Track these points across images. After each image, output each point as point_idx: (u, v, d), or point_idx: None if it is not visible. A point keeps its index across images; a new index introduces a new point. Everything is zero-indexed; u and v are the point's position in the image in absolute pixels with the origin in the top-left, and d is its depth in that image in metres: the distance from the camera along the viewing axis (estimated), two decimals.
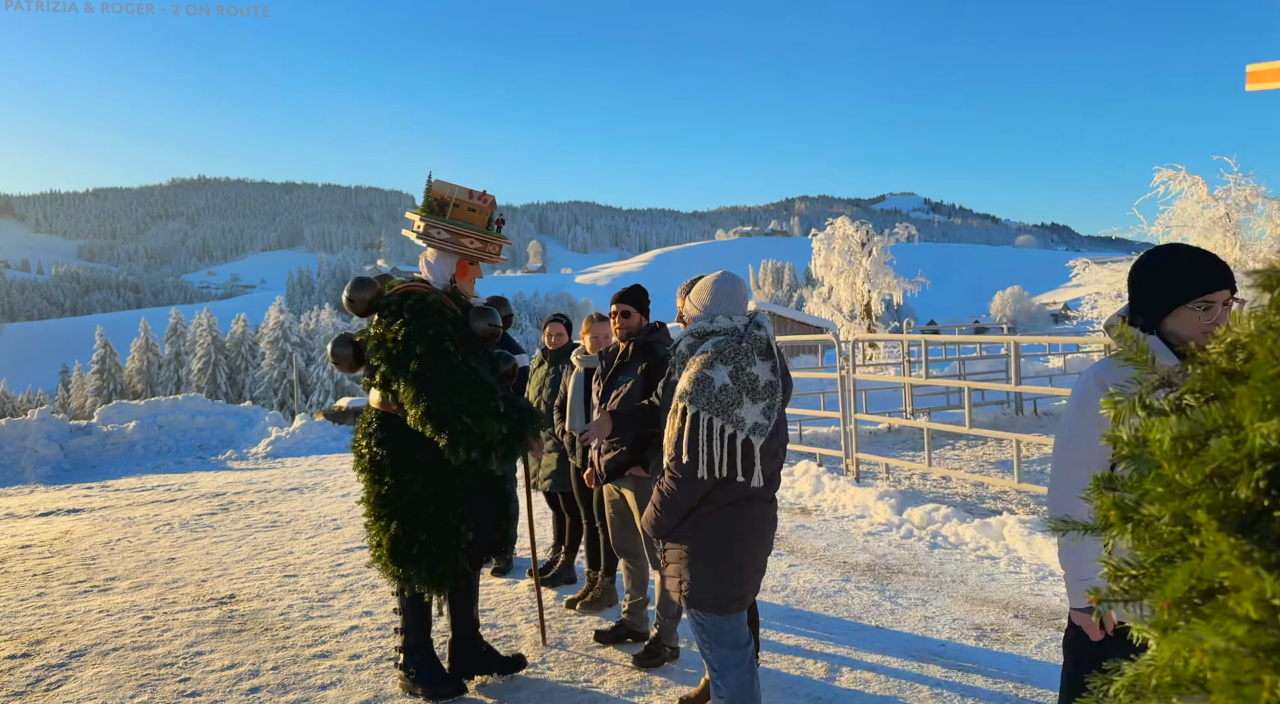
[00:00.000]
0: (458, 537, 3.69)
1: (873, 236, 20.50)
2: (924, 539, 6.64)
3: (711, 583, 2.82)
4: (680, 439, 2.73)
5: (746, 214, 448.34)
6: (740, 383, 2.71)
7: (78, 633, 4.73)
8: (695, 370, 2.73)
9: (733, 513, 2.83)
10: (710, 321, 2.87)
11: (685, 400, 2.71)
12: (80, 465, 14.00)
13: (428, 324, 3.55)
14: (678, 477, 2.75)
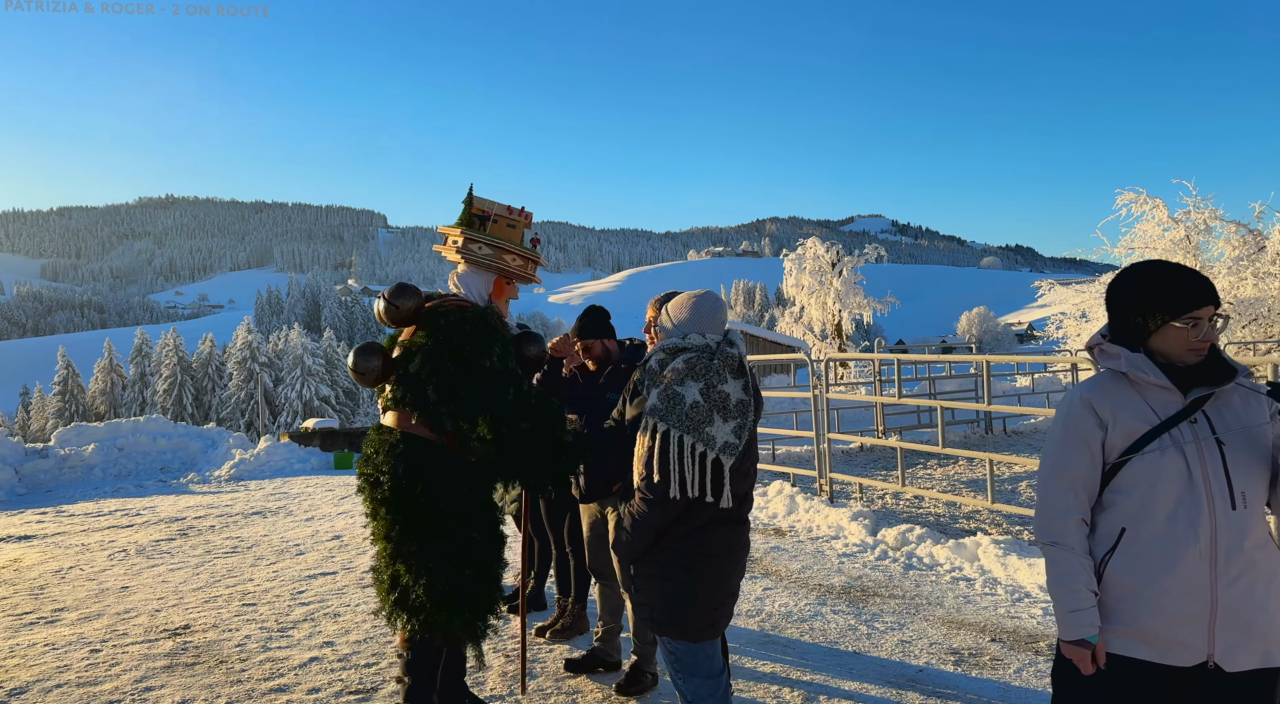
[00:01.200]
0: (498, 578, 3.33)
1: (843, 257, 20.67)
2: (899, 560, 6.58)
3: (684, 608, 2.73)
4: (651, 457, 2.65)
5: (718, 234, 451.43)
6: (711, 400, 2.65)
7: (19, 669, 4.49)
8: (665, 387, 2.67)
9: (704, 535, 2.74)
10: (683, 338, 2.81)
11: (656, 417, 2.64)
12: (36, 490, 13.55)
13: (492, 340, 3.25)
14: (649, 497, 2.67)
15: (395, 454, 3.19)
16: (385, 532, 3.21)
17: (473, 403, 3.13)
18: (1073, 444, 2.19)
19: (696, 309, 2.88)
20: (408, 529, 3.16)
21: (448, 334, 3.21)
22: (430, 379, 3.17)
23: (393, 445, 3.22)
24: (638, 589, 2.82)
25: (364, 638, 4.94)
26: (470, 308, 3.36)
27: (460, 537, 3.17)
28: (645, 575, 2.78)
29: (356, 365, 3.34)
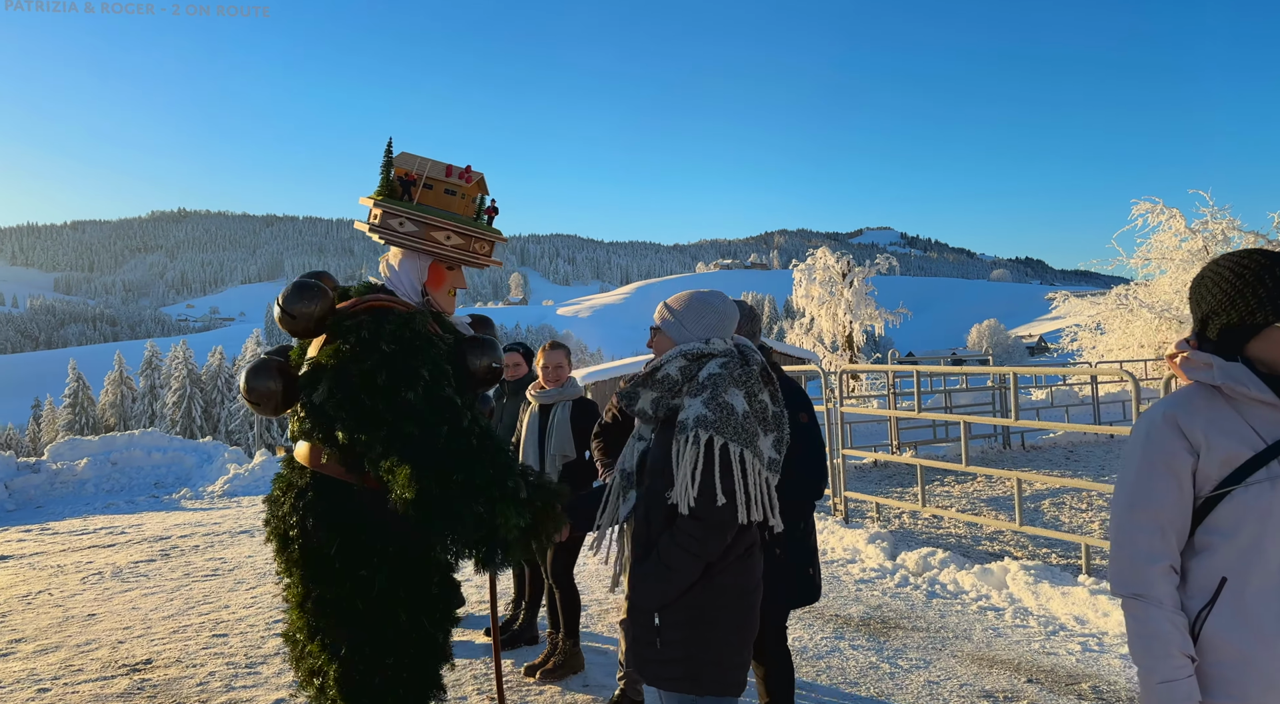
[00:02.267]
0: (436, 650, 2.62)
1: (854, 268, 20.25)
2: (921, 587, 6.13)
3: (723, 657, 2.27)
4: (710, 477, 2.19)
5: (726, 247, 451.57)
6: (754, 410, 2.27)
7: None
8: (712, 394, 2.26)
9: (745, 565, 2.32)
10: (706, 342, 2.41)
11: (709, 429, 2.20)
12: (25, 505, 13.21)
13: (419, 361, 2.48)
14: (706, 522, 2.21)
15: (305, 503, 2.52)
16: (299, 600, 2.54)
17: (389, 448, 2.36)
18: (1155, 474, 1.78)
19: (719, 311, 2.47)
20: (321, 603, 2.49)
21: (359, 354, 2.45)
22: (336, 415, 2.43)
23: (301, 491, 2.55)
24: (665, 642, 2.29)
25: None
26: (393, 311, 2.58)
27: (382, 617, 2.49)
28: (676, 624, 2.28)
29: (250, 390, 2.58)
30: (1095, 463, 12.50)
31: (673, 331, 2.46)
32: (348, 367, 2.44)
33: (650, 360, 2.47)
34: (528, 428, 4.53)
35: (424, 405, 2.39)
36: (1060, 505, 9.17)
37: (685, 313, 2.47)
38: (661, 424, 2.38)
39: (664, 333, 2.48)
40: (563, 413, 4.46)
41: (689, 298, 2.52)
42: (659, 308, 2.55)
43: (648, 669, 2.31)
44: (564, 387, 4.55)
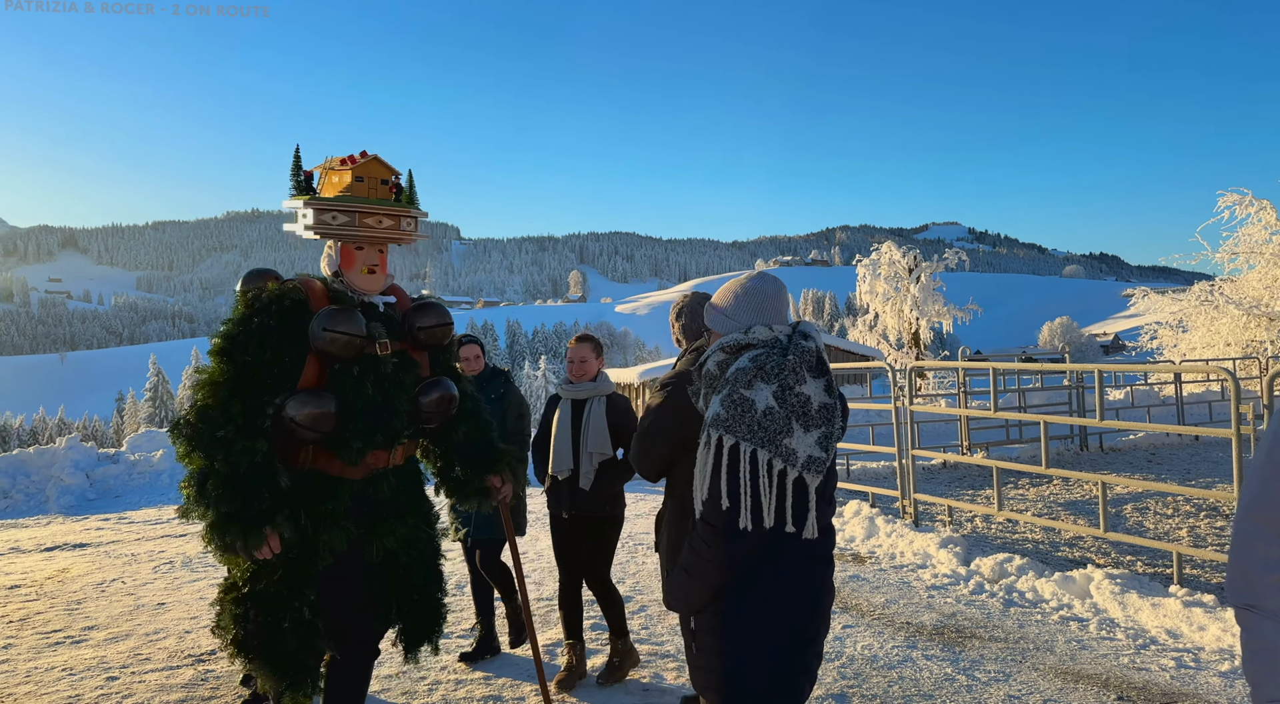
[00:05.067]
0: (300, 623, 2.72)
1: (921, 263, 19.66)
2: (997, 595, 5.83)
3: (754, 671, 2.14)
4: (718, 478, 2.09)
5: (786, 244, 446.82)
6: (788, 405, 2.09)
7: (30, 697, 4.17)
8: (729, 391, 2.11)
9: (783, 575, 2.16)
10: (745, 332, 2.25)
11: (721, 429, 2.08)
12: (105, 495, 13.71)
13: (228, 327, 2.74)
14: (715, 528, 2.10)
15: None
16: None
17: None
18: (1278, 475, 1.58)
19: (756, 294, 2.31)
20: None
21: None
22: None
23: None
24: (699, 649, 2.24)
25: (397, 672, 4.49)
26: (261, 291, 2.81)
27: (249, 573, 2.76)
28: (709, 630, 2.19)
29: None
30: (1180, 466, 11.87)
31: (716, 325, 2.35)
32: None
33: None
34: (559, 424, 4.29)
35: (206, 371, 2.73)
36: (1144, 511, 8.70)
37: (723, 302, 2.37)
38: None
39: (711, 329, 2.39)
40: (597, 409, 4.23)
41: (729, 288, 2.41)
42: (706, 307, 2.45)
43: (690, 672, 2.25)
44: (596, 382, 4.32)
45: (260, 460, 2.60)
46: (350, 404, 2.74)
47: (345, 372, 2.76)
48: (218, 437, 2.55)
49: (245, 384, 2.63)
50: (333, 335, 2.69)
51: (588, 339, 4.39)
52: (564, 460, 4.22)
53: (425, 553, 3.01)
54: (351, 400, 2.75)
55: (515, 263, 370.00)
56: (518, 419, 4.61)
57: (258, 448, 2.59)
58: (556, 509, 4.32)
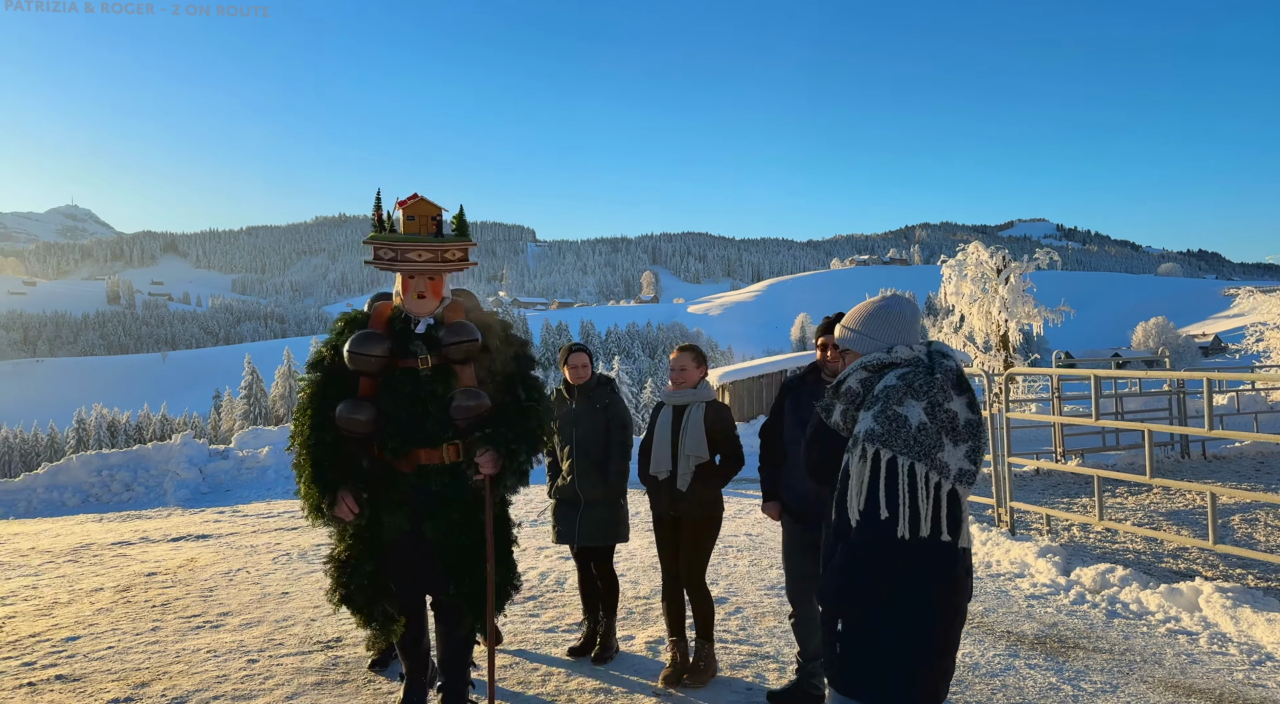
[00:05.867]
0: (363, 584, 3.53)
1: (1009, 263, 19.12)
2: (1100, 606, 5.75)
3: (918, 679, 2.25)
4: (875, 490, 2.23)
5: (863, 242, 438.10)
6: (939, 421, 2.22)
7: (183, 675, 4.56)
8: (882, 408, 2.24)
9: (938, 581, 2.26)
10: (888, 352, 2.37)
11: (875, 443, 2.22)
12: (216, 489, 14.56)
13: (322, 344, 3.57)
14: (873, 537, 2.24)
15: None
16: None
17: None
18: None
19: (896, 316, 2.44)
20: None
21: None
22: None
23: None
24: (852, 648, 2.33)
25: (511, 661, 4.73)
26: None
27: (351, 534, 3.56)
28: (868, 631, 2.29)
29: None
30: None
31: (856, 345, 2.46)
32: None
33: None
34: (659, 428, 4.49)
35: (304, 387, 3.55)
36: (1254, 522, 8.38)
37: (863, 325, 2.47)
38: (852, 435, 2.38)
39: (850, 350, 2.50)
40: (696, 414, 4.41)
41: (865, 309, 2.52)
42: (837, 328, 2.58)
43: (830, 672, 2.34)
44: (697, 389, 4.49)
45: (329, 446, 3.35)
46: (388, 410, 3.37)
47: (386, 383, 3.40)
48: (303, 430, 3.38)
49: (324, 390, 3.42)
50: (350, 355, 3.36)
51: (689, 348, 4.57)
52: (663, 462, 4.42)
53: (476, 541, 3.51)
54: (388, 407, 3.37)
55: (589, 264, 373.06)
56: (620, 428, 4.80)
57: (324, 439, 3.35)
58: (658, 509, 4.50)
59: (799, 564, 4.10)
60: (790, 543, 4.15)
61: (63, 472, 14.71)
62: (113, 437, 78.31)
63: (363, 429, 3.33)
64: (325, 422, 3.35)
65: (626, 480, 4.86)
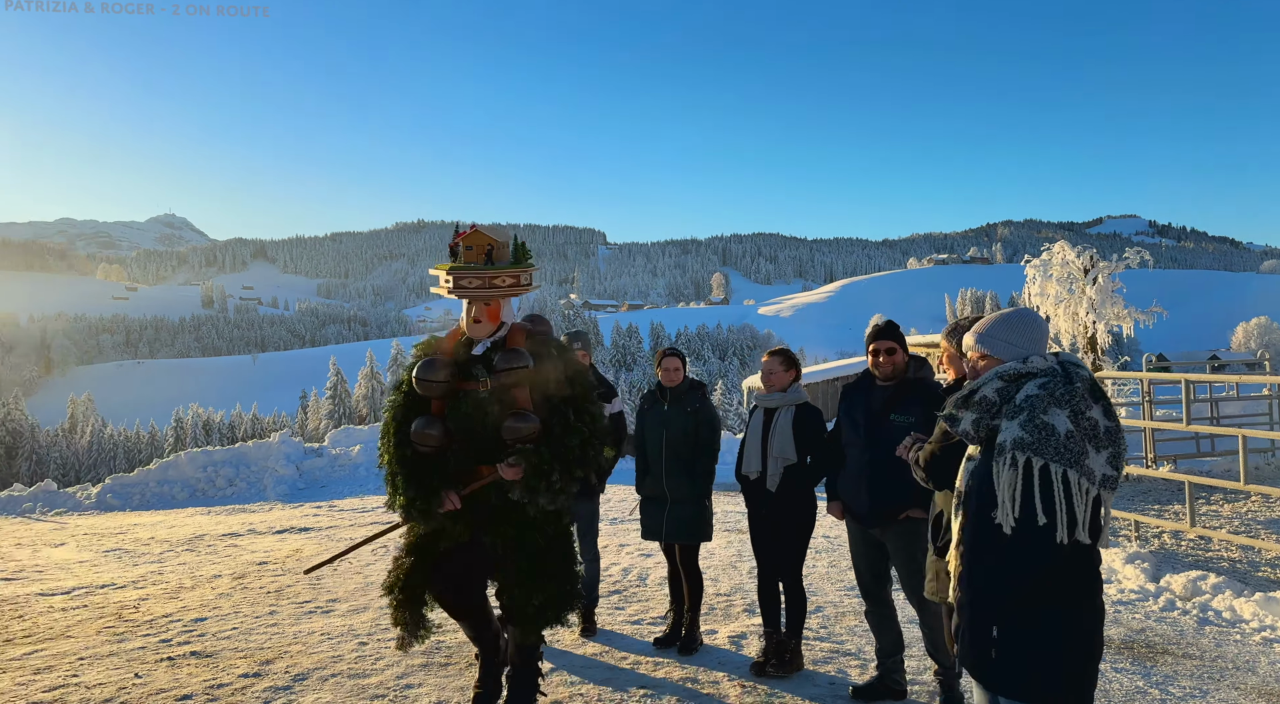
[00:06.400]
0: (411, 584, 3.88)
1: (1098, 262, 18.52)
2: (1190, 613, 5.67)
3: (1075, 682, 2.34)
4: (1030, 498, 2.29)
5: (942, 241, 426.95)
6: (1082, 429, 2.29)
7: (301, 655, 4.95)
8: (1029, 416, 2.32)
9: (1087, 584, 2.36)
10: (1024, 362, 2.46)
11: (1026, 451, 2.29)
12: (312, 485, 15.32)
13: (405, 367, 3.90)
14: (1028, 543, 2.31)
15: None
16: None
17: None
18: None
19: (1033, 325, 2.52)
20: None
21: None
22: None
23: None
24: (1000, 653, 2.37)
25: (600, 652, 4.97)
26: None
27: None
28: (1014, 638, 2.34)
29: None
30: None
31: (999, 351, 2.52)
32: None
33: (967, 383, 2.56)
34: (750, 429, 4.69)
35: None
36: None
37: (1004, 333, 2.54)
38: (984, 444, 2.46)
39: (990, 357, 2.55)
40: (785, 417, 4.56)
41: (1001, 318, 2.59)
42: (967, 337, 2.64)
43: (986, 675, 2.39)
44: (788, 391, 4.64)
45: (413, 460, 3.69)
46: (454, 429, 3.69)
47: (450, 403, 3.72)
48: (389, 447, 3.75)
49: (405, 409, 3.75)
50: (417, 381, 3.70)
51: (779, 352, 4.75)
52: (753, 462, 4.60)
53: (532, 551, 3.76)
54: (452, 426, 3.69)
55: (659, 266, 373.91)
56: (709, 430, 5.00)
57: (406, 454, 3.69)
58: (751, 508, 4.69)
59: (864, 562, 4.27)
60: (854, 541, 4.32)
61: (172, 467, 15.70)
62: (208, 435, 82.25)
63: (434, 443, 3.66)
64: (406, 439, 3.71)
65: (712, 481, 5.06)
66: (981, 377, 2.51)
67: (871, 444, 4.07)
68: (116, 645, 5.21)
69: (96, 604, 6.29)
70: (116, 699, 4.29)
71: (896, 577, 4.23)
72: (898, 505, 4.00)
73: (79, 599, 6.47)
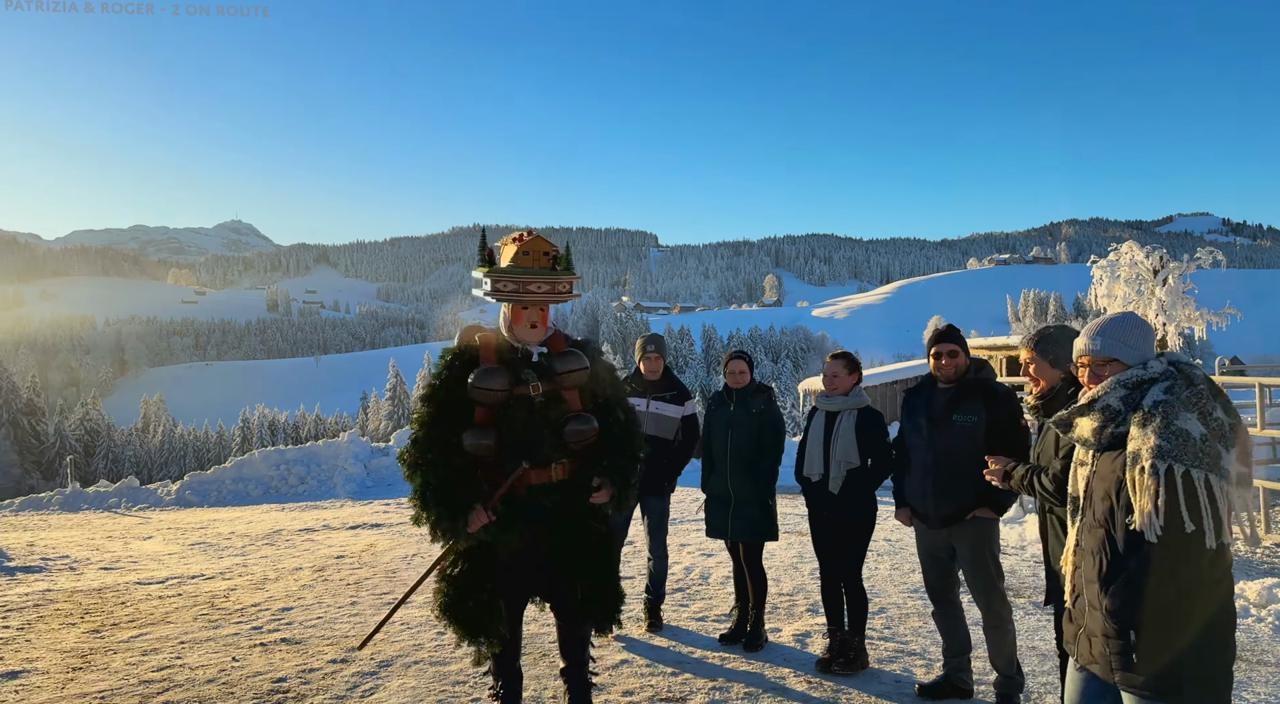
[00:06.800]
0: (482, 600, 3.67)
1: (1168, 262, 17.99)
2: (1266, 620, 5.58)
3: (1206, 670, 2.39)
4: (1174, 505, 2.30)
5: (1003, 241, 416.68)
6: (1212, 430, 2.32)
7: (384, 643, 5.21)
8: (1163, 423, 2.34)
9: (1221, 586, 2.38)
10: (1144, 367, 2.49)
11: (1167, 459, 2.31)
12: (380, 483, 15.79)
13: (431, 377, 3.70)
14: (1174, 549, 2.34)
15: None
16: None
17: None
18: None
19: (1145, 328, 2.55)
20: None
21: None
22: None
23: None
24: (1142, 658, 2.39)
25: (669, 644, 5.12)
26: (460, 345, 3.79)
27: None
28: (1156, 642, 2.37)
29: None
30: None
31: (1123, 355, 2.53)
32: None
33: (1085, 391, 2.59)
34: (812, 432, 4.76)
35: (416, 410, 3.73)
36: None
37: (1119, 335, 2.55)
38: (1103, 449, 2.49)
39: (1114, 362, 2.55)
40: (848, 421, 4.64)
41: (1115, 322, 2.59)
42: (1081, 342, 2.62)
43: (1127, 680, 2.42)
44: (849, 395, 4.72)
45: (454, 473, 3.51)
46: (505, 435, 3.59)
47: (502, 410, 3.61)
48: (426, 459, 3.53)
49: (440, 420, 3.58)
50: (476, 390, 3.57)
51: (841, 356, 4.83)
52: (815, 465, 4.70)
53: (586, 547, 3.76)
54: (506, 433, 3.59)
55: (710, 268, 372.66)
56: (774, 432, 5.12)
57: (452, 464, 3.51)
58: (812, 510, 4.79)
59: (931, 564, 4.33)
60: (922, 543, 4.38)
61: (247, 465, 16.35)
62: (273, 435, 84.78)
63: (490, 453, 3.57)
64: (443, 450, 3.54)
65: (775, 482, 5.18)
66: (1102, 384, 2.52)
67: (934, 445, 4.14)
68: (212, 631, 5.55)
69: (190, 593, 6.67)
70: (219, 680, 4.59)
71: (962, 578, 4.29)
72: (964, 506, 4.07)
73: (173, 588, 6.87)
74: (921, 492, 4.21)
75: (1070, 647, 2.62)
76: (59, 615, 6.01)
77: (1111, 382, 2.51)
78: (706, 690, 4.42)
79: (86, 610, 6.15)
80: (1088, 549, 2.52)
